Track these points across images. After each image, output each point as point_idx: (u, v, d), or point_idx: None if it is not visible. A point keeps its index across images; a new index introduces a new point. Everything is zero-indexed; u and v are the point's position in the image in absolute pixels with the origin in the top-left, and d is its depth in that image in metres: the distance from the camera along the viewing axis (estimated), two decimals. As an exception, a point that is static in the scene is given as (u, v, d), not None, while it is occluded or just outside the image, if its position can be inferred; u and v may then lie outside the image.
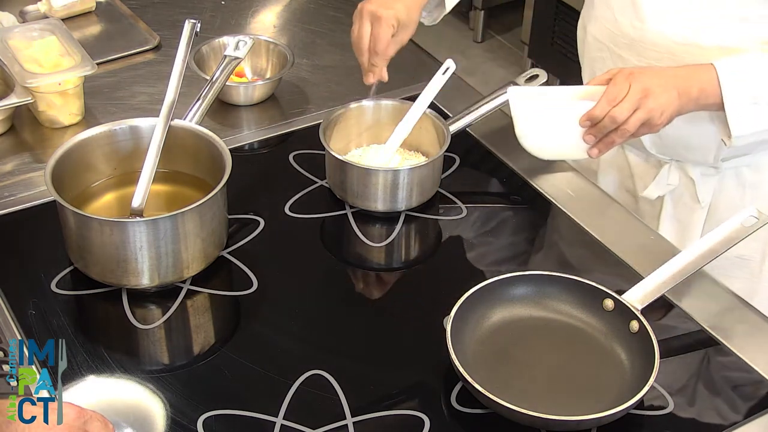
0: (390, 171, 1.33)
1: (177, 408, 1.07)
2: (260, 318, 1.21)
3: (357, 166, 1.34)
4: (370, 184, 1.33)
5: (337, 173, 1.37)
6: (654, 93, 1.24)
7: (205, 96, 1.36)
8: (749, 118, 1.27)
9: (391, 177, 1.33)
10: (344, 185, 1.36)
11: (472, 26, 3.93)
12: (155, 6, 1.88)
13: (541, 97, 1.36)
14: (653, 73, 1.27)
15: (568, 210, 1.39)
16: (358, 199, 1.35)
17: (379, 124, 1.44)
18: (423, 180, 1.35)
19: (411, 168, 1.33)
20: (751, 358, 1.16)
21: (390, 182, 1.33)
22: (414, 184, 1.34)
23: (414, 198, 1.35)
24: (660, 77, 1.26)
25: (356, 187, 1.34)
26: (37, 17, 1.74)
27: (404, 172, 1.33)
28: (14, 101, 1.44)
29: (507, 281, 1.18)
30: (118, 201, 1.31)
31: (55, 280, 1.23)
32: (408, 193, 1.34)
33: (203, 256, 1.23)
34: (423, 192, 1.37)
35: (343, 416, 1.07)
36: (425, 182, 1.36)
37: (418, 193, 1.36)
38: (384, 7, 1.39)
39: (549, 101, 1.35)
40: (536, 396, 1.08)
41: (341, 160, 1.34)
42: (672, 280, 1.16)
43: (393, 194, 1.34)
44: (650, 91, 1.24)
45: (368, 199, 1.35)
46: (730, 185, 1.47)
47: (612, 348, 1.15)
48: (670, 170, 1.48)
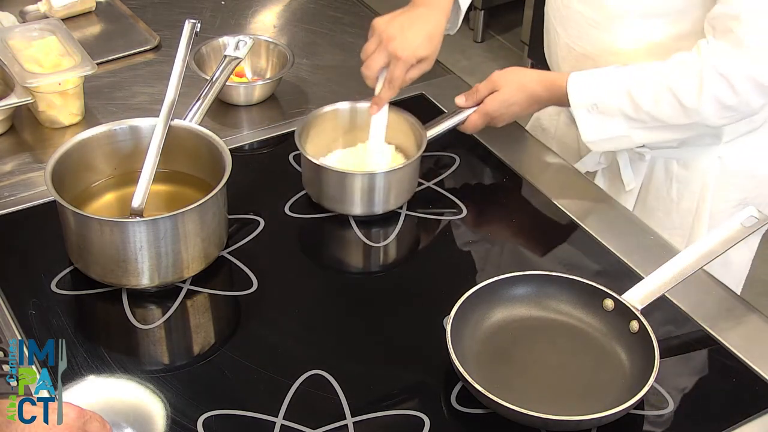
0: (367, 174, 1.32)
1: (177, 408, 1.07)
2: (260, 318, 1.21)
3: (334, 171, 1.33)
4: (346, 188, 1.33)
5: (313, 178, 1.35)
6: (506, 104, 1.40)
7: (205, 96, 1.35)
8: (593, 125, 1.36)
9: (367, 180, 1.32)
10: (321, 190, 1.35)
11: (472, 26, 3.93)
12: (155, 6, 1.88)
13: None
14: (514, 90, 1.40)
15: (569, 210, 1.39)
16: (337, 203, 1.34)
17: (355, 127, 1.43)
18: (401, 182, 1.35)
19: (388, 171, 1.33)
20: (751, 358, 1.16)
21: (366, 185, 1.32)
22: (391, 187, 1.34)
23: (392, 201, 1.35)
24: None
25: (332, 191, 1.33)
26: (37, 17, 1.74)
27: (380, 176, 1.32)
28: (14, 101, 1.44)
29: (507, 281, 1.18)
30: (118, 201, 1.31)
31: (55, 280, 1.23)
32: (385, 196, 1.33)
33: (203, 256, 1.23)
34: (400, 194, 1.36)
35: (343, 416, 1.07)
36: (402, 184, 1.35)
37: (395, 196, 1.35)
38: (404, 45, 1.33)
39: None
40: (536, 396, 1.08)
41: (320, 166, 1.33)
42: (672, 280, 1.16)
43: (370, 197, 1.33)
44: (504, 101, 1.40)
45: (345, 204, 1.34)
46: (660, 176, 1.51)
47: (612, 348, 1.15)
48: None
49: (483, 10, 3.85)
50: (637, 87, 1.32)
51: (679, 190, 1.50)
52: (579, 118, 1.36)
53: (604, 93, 1.34)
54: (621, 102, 1.33)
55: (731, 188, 1.49)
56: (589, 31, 1.43)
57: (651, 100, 1.31)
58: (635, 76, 1.33)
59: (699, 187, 1.49)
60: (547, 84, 1.40)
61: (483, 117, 1.41)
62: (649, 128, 1.34)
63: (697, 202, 1.50)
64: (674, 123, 1.33)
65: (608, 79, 1.35)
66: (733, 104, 1.28)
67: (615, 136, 1.37)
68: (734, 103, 1.28)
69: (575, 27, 1.45)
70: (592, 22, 1.41)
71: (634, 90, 1.32)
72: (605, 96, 1.34)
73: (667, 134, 1.36)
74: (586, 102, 1.35)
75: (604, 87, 1.34)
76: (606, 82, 1.34)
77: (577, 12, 1.43)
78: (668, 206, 1.52)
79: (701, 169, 1.48)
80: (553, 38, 1.53)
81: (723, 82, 1.27)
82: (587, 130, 1.37)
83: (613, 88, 1.34)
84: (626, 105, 1.33)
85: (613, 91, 1.34)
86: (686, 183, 1.50)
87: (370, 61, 1.36)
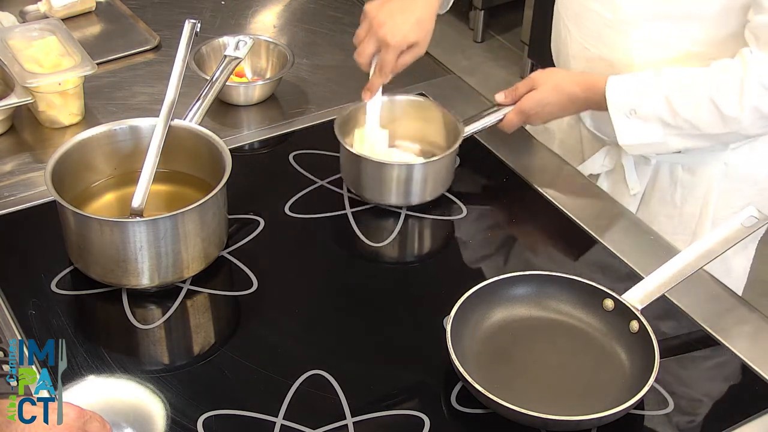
0: (404, 165, 1.34)
1: (177, 408, 1.07)
2: (260, 318, 1.21)
3: (372, 161, 1.34)
4: (385, 179, 1.34)
5: (353, 169, 1.37)
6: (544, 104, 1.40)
7: (205, 96, 1.35)
8: (630, 129, 1.35)
9: (405, 171, 1.34)
10: (359, 180, 1.36)
11: (472, 26, 3.93)
12: (155, 6, 1.88)
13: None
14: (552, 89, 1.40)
15: (569, 210, 1.39)
16: (374, 193, 1.36)
17: (392, 121, 1.44)
18: (437, 174, 1.37)
19: (425, 162, 1.35)
20: (751, 358, 1.16)
21: (404, 177, 1.34)
22: (428, 179, 1.36)
23: (428, 192, 1.37)
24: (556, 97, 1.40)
25: (371, 181, 1.35)
26: (37, 17, 1.74)
27: (418, 167, 1.34)
28: (14, 101, 1.44)
29: (507, 281, 1.18)
30: (118, 201, 1.31)
31: (55, 280, 1.23)
32: (422, 187, 1.35)
33: (203, 256, 1.23)
34: (436, 187, 1.38)
35: (343, 416, 1.07)
36: (439, 177, 1.37)
37: (432, 188, 1.37)
38: (394, 30, 1.33)
39: None
40: (536, 396, 1.08)
41: (358, 156, 1.34)
42: (672, 280, 1.16)
43: (407, 189, 1.35)
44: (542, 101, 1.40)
45: (383, 194, 1.36)
46: (664, 181, 1.51)
47: (612, 348, 1.15)
48: (608, 152, 1.52)
49: (483, 10, 3.85)
50: (677, 94, 1.31)
51: (683, 195, 1.50)
52: (616, 122, 1.35)
53: (643, 98, 1.33)
54: (659, 108, 1.32)
55: (735, 194, 1.49)
56: (604, 32, 1.42)
57: (690, 108, 1.31)
58: (674, 83, 1.32)
59: (703, 193, 1.49)
60: (586, 86, 1.39)
61: (519, 115, 1.41)
62: (685, 135, 1.34)
63: (700, 208, 1.50)
64: (711, 131, 1.32)
65: (647, 84, 1.34)
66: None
67: (651, 142, 1.36)
68: None
69: (590, 26, 1.44)
70: (608, 22, 1.40)
71: (673, 96, 1.31)
72: (644, 101, 1.33)
73: (703, 142, 1.36)
74: (625, 106, 1.34)
75: (643, 92, 1.33)
76: (645, 87, 1.33)
77: (593, 11, 1.42)
78: (671, 211, 1.52)
79: (706, 174, 1.47)
80: (563, 36, 1.52)
81: (765, 92, 1.26)
82: (624, 134, 1.36)
83: (652, 93, 1.33)
84: (664, 111, 1.32)
85: (652, 97, 1.33)
86: (691, 188, 1.49)
87: (361, 48, 1.37)
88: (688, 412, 1.11)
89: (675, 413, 1.10)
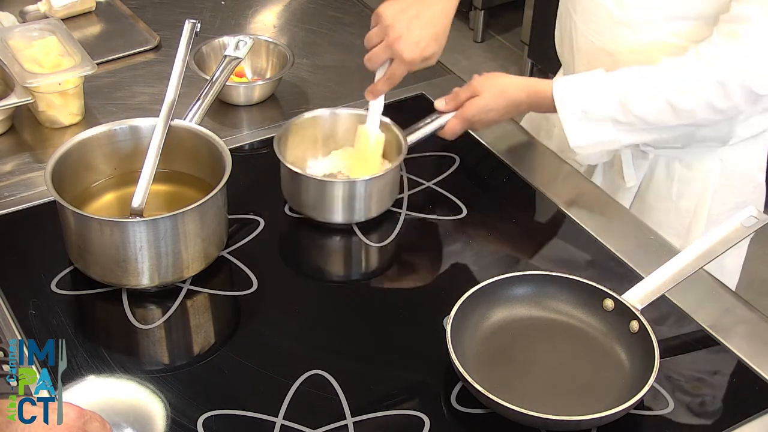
0: (347, 182, 1.31)
1: (177, 408, 1.07)
2: (260, 318, 1.21)
3: (314, 179, 1.32)
4: (327, 197, 1.31)
5: (293, 187, 1.34)
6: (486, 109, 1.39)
7: (205, 96, 1.35)
8: (581, 130, 1.35)
9: (348, 188, 1.31)
10: (300, 199, 1.34)
11: (472, 26, 3.93)
12: (155, 6, 1.88)
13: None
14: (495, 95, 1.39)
15: (568, 210, 1.39)
16: (317, 212, 1.33)
17: (335, 133, 1.42)
18: (382, 190, 1.33)
19: (368, 179, 1.31)
20: (751, 358, 1.16)
21: (347, 194, 1.31)
22: (372, 194, 1.32)
23: (373, 209, 1.34)
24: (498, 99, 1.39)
25: (314, 200, 1.32)
26: (37, 17, 1.74)
27: (361, 183, 1.31)
28: (14, 101, 1.44)
29: (507, 281, 1.18)
30: (118, 201, 1.31)
31: (55, 280, 1.23)
32: (366, 203, 1.32)
33: (203, 256, 1.23)
34: (382, 202, 1.35)
35: (343, 416, 1.07)
36: (384, 192, 1.34)
37: (378, 204, 1.34)
38: (411, 47, 1.32)
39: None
40: (536, 396, 1.08)
41: (299, 174, 1.31)
42: (672, 280, 1.16)
43: (350, 206, 1.32)
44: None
45: (325, 212, 1.32)
46: (661, 175, 1.51)
47: (612, 348, 1.15)
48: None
49: (483, 10, 3.85)
50: (628, 93, 1.31)
51: (680, 190, 1.51)
52: (567, 125, 1.35)
53: (593, 100, 1.33)
54: (611, 108, 1.32)
55: (730, 191, 1.49)
56: (613, 28, 1.41)
57: (643, 106, 1.31)
58: (625, 82, 1.32)
59: (699, 188, 1.49)
60: (530, 91, 1.38)
61: (461, 122, 1.40)
62: (637, 130, 1.34)
63: (696, 203, 1.50)
64: (664, 125, 1.33)
65: (596, 85, 1.34)
66: (724, 108, 1.29)
67: (603, 140, 1.36)
68: (725, 107, 1.29)
69: (598, 22, 1.43)
70: (618, 19, 1.40)
71: (625, 96, 1.31)
72: (594, 102, 1.33)
73: (654, 135, 1.37)
74: (575, 109, 1.34)
75: (593, 93, 1.33)
76: (594, 89, 1.34)
77: (602, 7, 1.41)
78: (667, 205, 1.52)
79: (703, 170, 1.48)
80: (568, 31, 1.52)
81: (718, 88, 1.27)
82: (575, 136, 1.36)
83: (603, 94, 1.33)
84: (617, 111, 1.32)
85: (602, 98, 1.33)
86: (687, 183, 1.50)
87: (373, 55, 1.35)
88: (688, 412, 1.10)
89: (675, 413, 1.10)
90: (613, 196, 1.52)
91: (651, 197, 1.53)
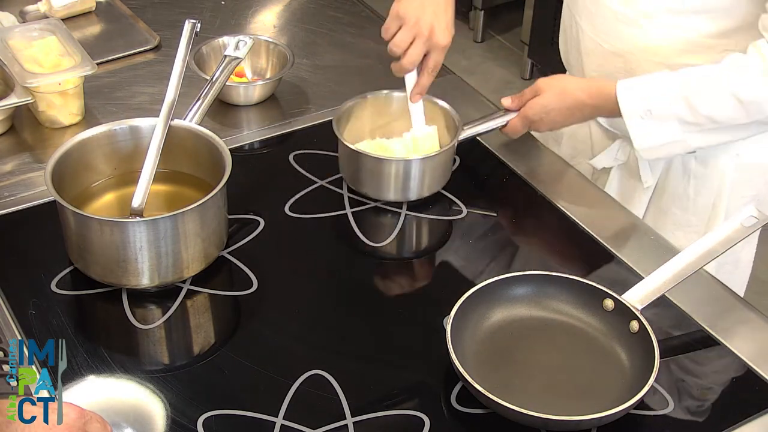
0: (402, 161, 1.34)
1: (177, 408, 1.07)
2: (260, 318, 1.22)
3: (370, 156, 1.35)
4: (383, 174, 1.35)
5: (350, 164, 1.38)
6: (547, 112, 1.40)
7: (205, 96, 1.35)
8: (646, 131, 1.34)
9: (402, 167, 1.34)
10: (358, 176, 1.37)
11: (472, 26, 3.93)
12: (155, 6, 1.88)
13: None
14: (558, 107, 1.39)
15: (568, 210, 1.39)
16: (373, 189, 1.37)
17: (390, 117, 1.45)
18: (435, 169, 1.37)
19: (423, 158, 1.35)
20: (751, 358, 1.16)
21: (402, 172, 1.34)
22: (426, 175, 1.36)
23: (425, 188, 1.37)
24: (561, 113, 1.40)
25: (370, 177, 1.36)
26: (37, 17, 1.74)
27: (416, 163, 1.34)
28: (14, 101, 1.44)
29: (507, 281, 1.18)
30: (118, 201, 1.31)
31: (55, 280, 1.23)
32: (420, 183, 1.36)
33: (203, 256, 1.23)
34: (434, 183, 1.38)
35: (343, 416, 1.07)
36: (437, 171, 1.38)
37: (429, 184, 1.37)
38: (444, 33, 1.36)
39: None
40: (536, 396, 1.08)
41: (356, 151, 1.35)
42: (672, 280, 1.16)
43: (405, 184, 1.35)
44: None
45: (381, 190, 1.36)
46: (677, 173, 1.50)
47: (612, 348, 1.15)
48: (621, 145, 1.51)
49: (483, 10, 3.85)
50: (694, 90, 1.30)
51: (696, 187, 1.49)
52: (631, 126, 1.34)
53: (658, 99, 1.32)
54: (677, 107, 1.31)
55: (745, 184, 1.48)
56: (618, 27, 1.41)
57: (710, 103, 1.30)
58: (690, 80, 1.31)
59: (716, 184, 1.48)
60: (592, 92, 1.37)
61: (522, 121, 1.41)
62: (705, 131, 1.33)
63: (714, 199, 1.49)
64: (733, 123, 1.32)
65: (661, 85, 1.32)
66: None
67: (669, 141, 1.34)
68: None
69: (604, 23, 1.43)
70: (623, 18, 1.40)
71: (690, 94, 1.30)
72: (660, 101, 1.32)
73: (724, 136, 1.35)
74: (640, 109, 1.33)
75: (658, 92, 1.32)
76: (659, 88, 1.32)
77: (607, 7, 1.41)
78: (685, 203, 1.51)
79: (719, 166, 1.46)
80: (574, 35, 1.51)
81: None
82: (640, 138, 1.34)
83: (668, 93, 1.32)
84: (683, 109, 1.31)
85: (667, 96, 1.32)
86: (703, 180, 1.48)
87: (409, 56, 1.36)
88: (688, 412, 1.10)
89: (675, 413, 1.10)
90: (630, 197, 1.51)
91: (668, 196, 1.52)
